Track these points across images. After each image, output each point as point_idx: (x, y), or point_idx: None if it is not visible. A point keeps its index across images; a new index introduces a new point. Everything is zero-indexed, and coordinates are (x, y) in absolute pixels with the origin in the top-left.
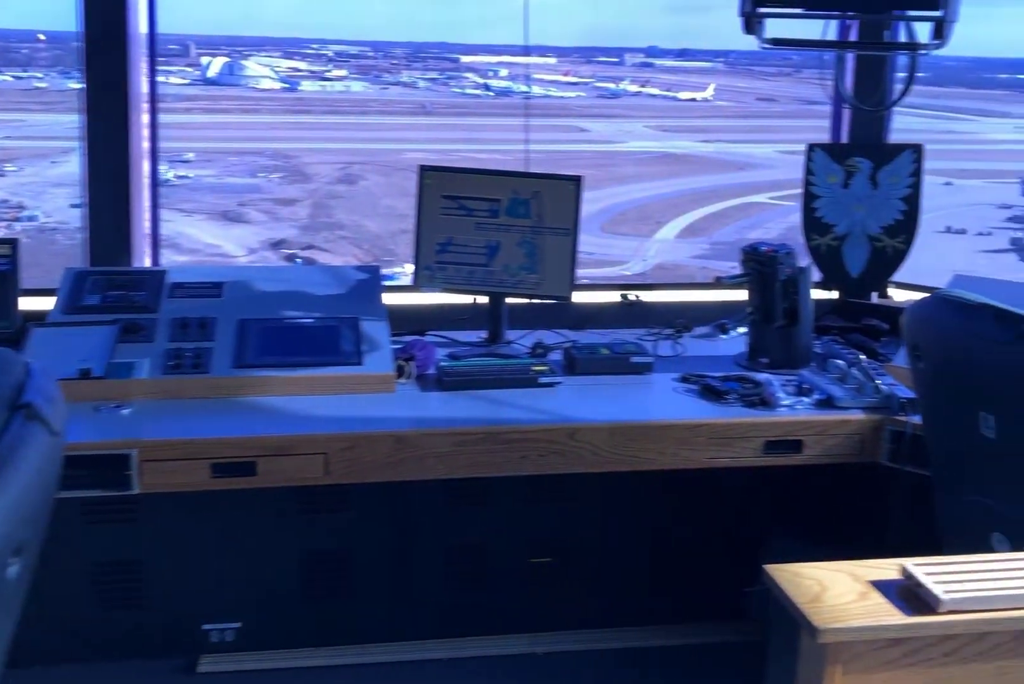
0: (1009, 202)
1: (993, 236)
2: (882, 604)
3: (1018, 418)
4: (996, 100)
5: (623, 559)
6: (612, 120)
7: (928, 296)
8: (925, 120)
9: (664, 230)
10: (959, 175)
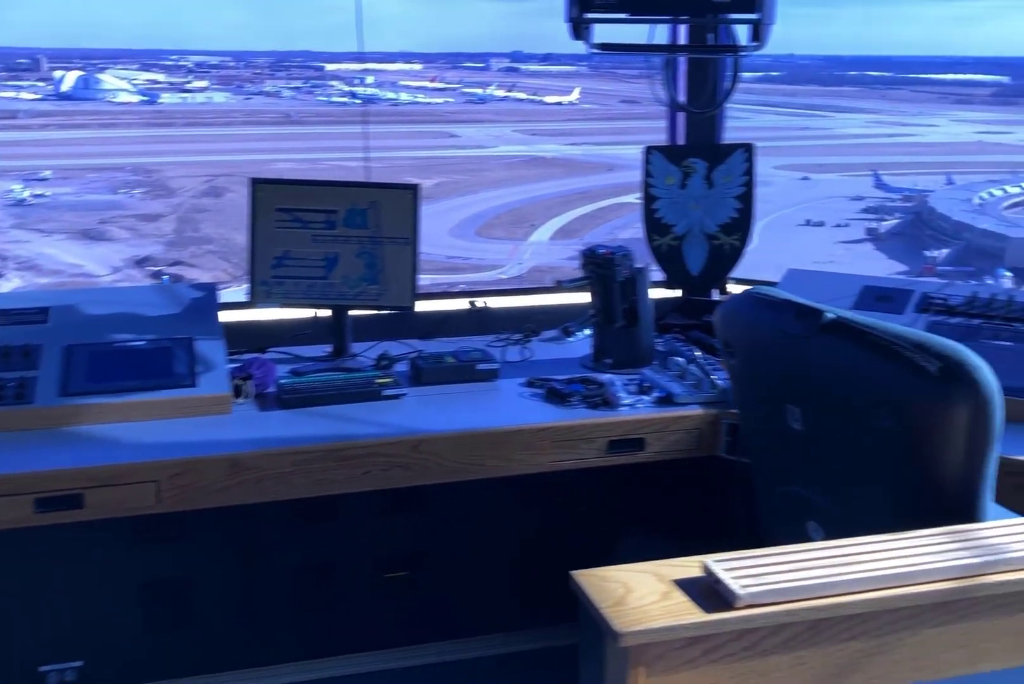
0: (863, 194)
1: (850, 227)
2: (683, 603)
3: (821, 410)
4: (847, 96)
5: (479, 568)
6: (481, 125)
7: (737, 294)
8: (783, 117)
9: (538, 233)
10: (816, 170)
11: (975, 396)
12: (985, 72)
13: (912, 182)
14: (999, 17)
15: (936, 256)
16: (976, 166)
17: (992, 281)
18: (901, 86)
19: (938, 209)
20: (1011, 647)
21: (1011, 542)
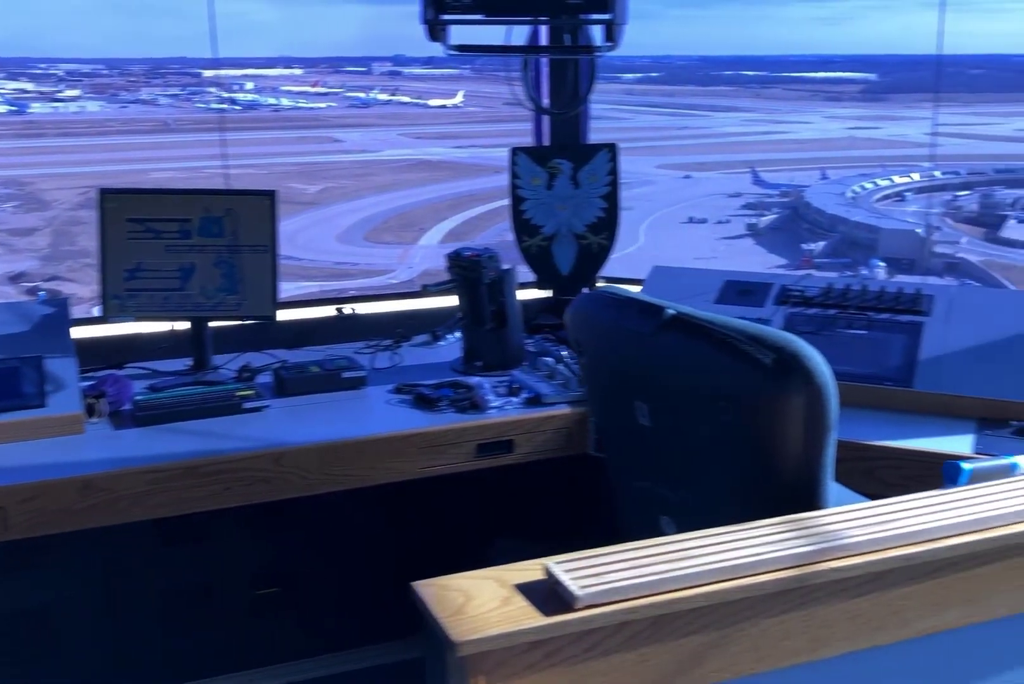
0: (742, 190)
1: (731, 223)
2: (523, 607)
3: (667, 406)
4: (724, 96)
5: (354, 580)
6: (366, 129)
7: (584, 293)
8: (663, 117)
9: (427, 236)
10: (697, 168)
11: (809, 385)
12: (853, 70)
13: (788, 178)
14: (863, 17)
15: (813, 249)
16: (848, 161)
17: (867, 271)
18: (774, 85)
19: (814, 203)
20: (850, 632)
21: (847, 528)
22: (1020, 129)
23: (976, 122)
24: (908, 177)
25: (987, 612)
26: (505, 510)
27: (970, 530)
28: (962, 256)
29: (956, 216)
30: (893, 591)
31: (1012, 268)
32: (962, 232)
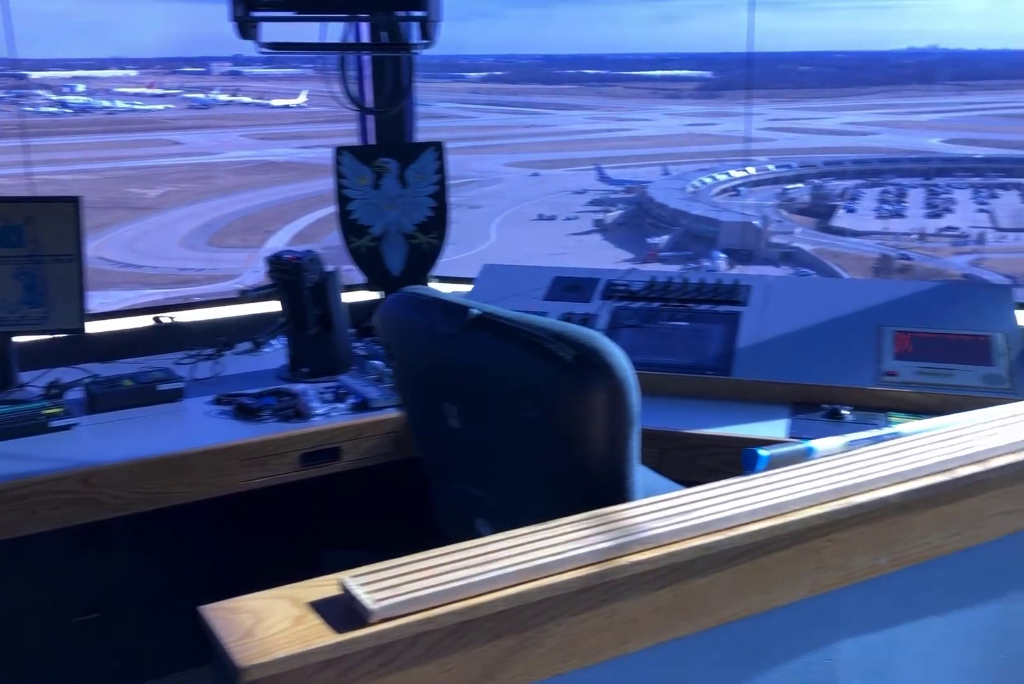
0: (588, 187)
1: (579, 219)
2: (316, 626)
3: (476, 407)
4: (567, 94)
5: (174, 603)
6: (207, 131)
7: (393, 295)
8: (509, 116)
9: (274, 239)
10: (545, 166)
11: (610, 380)
12: (689, 68)
13: (632, 174)
14: (697, 15)
15: (658, 242)
16: (688, 156)
17: (709, 262)
18: (616, 83)
19: (657, 198)
20: (655, 624)
21: (647, 521)
22: (846, 123)
23: (806, 117)
24: (744, 171)
25: (786, 595)
26: (335, 519)
27: (767, 516)
28: (797, 245)
29: (790, 207)
30: (695, 581)
31: (842, 255)
32: (796, 223)
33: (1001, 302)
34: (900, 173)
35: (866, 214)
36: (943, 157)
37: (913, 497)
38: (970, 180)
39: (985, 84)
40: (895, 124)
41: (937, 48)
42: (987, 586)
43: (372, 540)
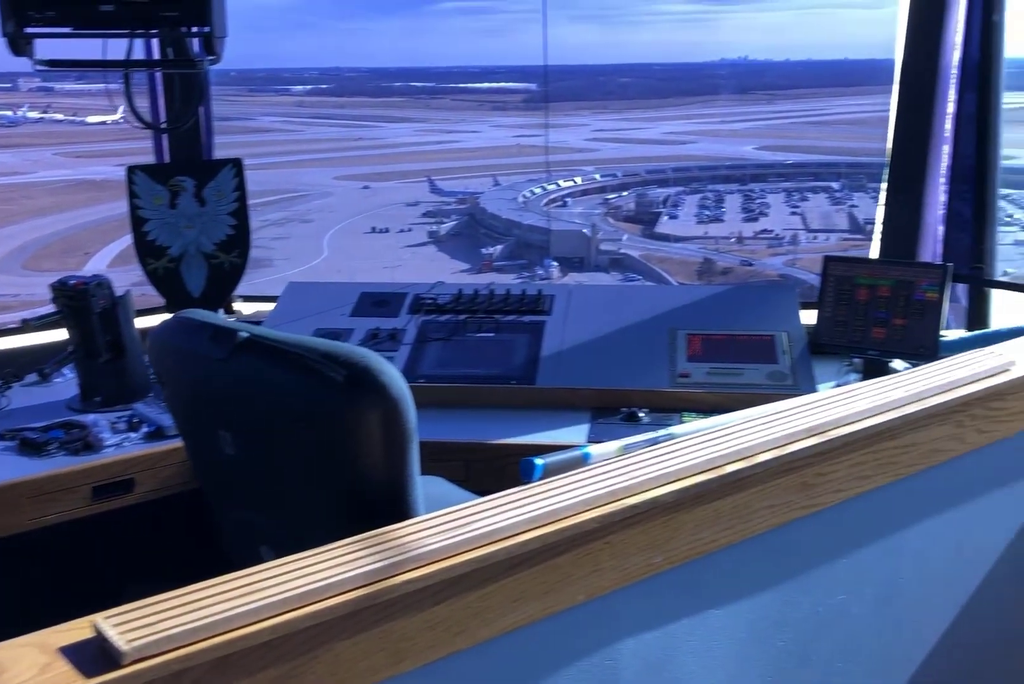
0: (420, 199)
1: (413, 231)
2: (65, 672)
3: (250, 432)
4: (396, 107)
5: None
6: (16, 150)
7: (165, 320)
8: (336, 129)
9: (94, 261)
10: (376, 178)
11: (383, 399)
12: (514, 80)
13: (464, 185)
14: (520, 29)
15: (492, 252)
16: (517, 167)
17: (542, 270)
18: (443, 95)
19: (489, 209)
20: (432, 640)
21: (421, 538)
22: (666, 132)
23: (628, 127)
24: (572, 181)
25: (566, 600)
26: (134, 553)
27: (543, 523)
28: (625, 252)
29: (616, 215)
30: (471, 594)
31: (668, 260)
32: (623, 230)
33: (785, 302)
34: (718, 180)
35: (688, 220)
36: (757, 164)
37: (683, 495)
38: (782, 185)
39: (793, 93)
40: (711, 133)
41: (747, 59)
42: (760, 577)
43: (175, 571)
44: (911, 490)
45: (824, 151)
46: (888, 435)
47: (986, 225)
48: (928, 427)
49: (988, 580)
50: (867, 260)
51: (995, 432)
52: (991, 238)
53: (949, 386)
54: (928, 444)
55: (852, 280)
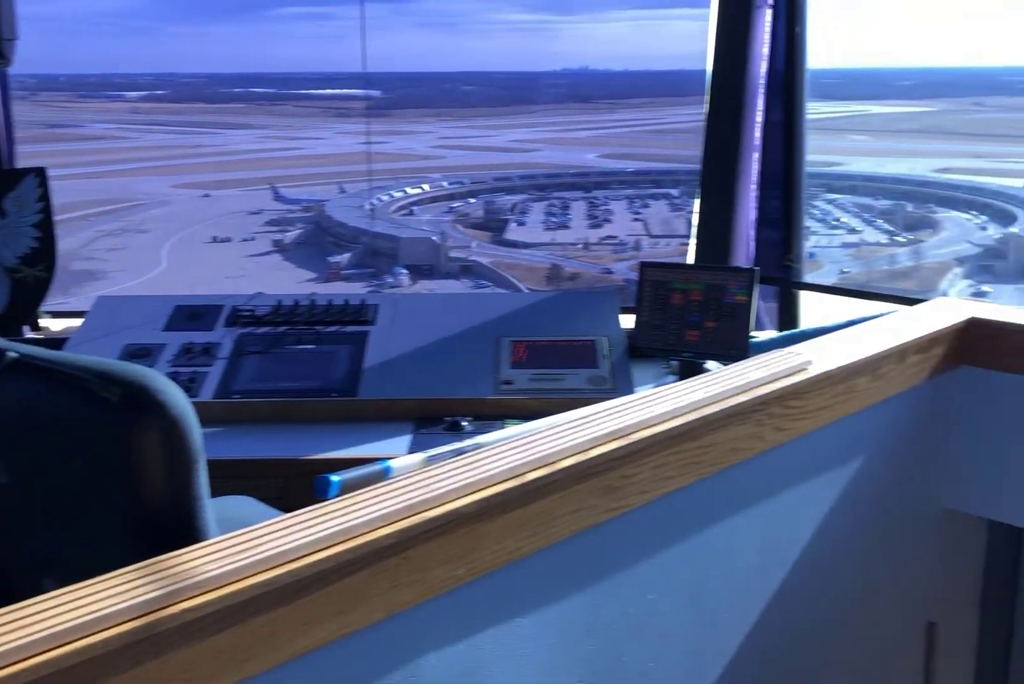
0: (264, 207)
1: (256, 240)
2: None
3: (25, 459)
4: (236, 113)
5: None
6: None
7: None
8: (173, 136)
9: None
10: (216, 186)
11: (163, 419)
12: (358, 86)
13: (309, 193)
14: (360, 36)
15: (340, 261)
16: (364, 174)
17: (392, 278)
18: (285, 102)
19: (335, 217)
20: (215, 669)
21: (205, 563)
22: (512, 140)
23: (474, 135)
24: (420, 188)
25: (362, 619)
26: None
27: (334, 542)
28: (475, 259)
29: (465, 222)
30: (258, 619)
31: (517, 266)
32: (472, 237)
33: (606, 308)
34: (563, 187)
35: (535, 227)
36: (600, 171)
37: (485, 505)
38: (625, 192)
39: (634, 102)
40: (556, 141)
41: (588, 68)
42: (568, 582)
43: None
44: (714, 489)
45: (663, 159)
46: (689, 436)
47: (794, 229)
48: (728, 427)
49: (793, 572)
50: (681, 265)
51: (793, 430)
52: (798, 241)
53: (748, 386)
54: (728, 443)
55: (667, 285)
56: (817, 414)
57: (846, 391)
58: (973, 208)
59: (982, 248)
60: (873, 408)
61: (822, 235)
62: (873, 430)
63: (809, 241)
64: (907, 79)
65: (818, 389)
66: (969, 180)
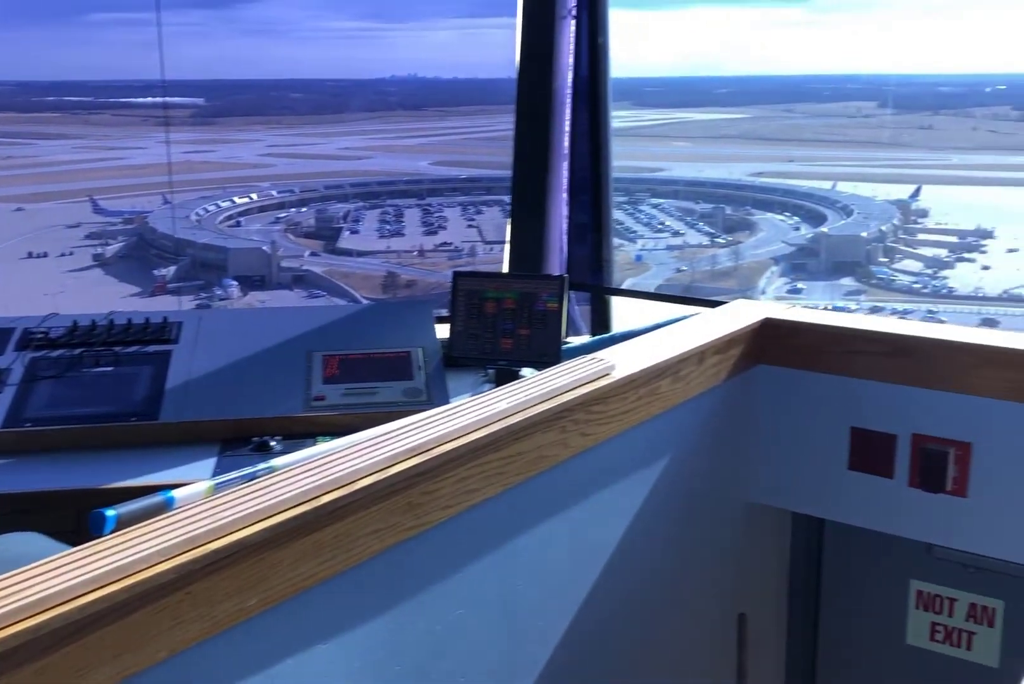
0: (83, 220)
1: (75, 255)
2: None
3: None
4: (49, 123)
5: None
6: None
7: None
8: None
9: None
10: (31, 199)
11: None
12: (181, 95)
13: (131, 204)
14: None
15: (166, 274)
16: (189, 184)
17: (221, 291)
18: (103, 110)
19: (160, 229)
20: None
21: None
22: (342, 148)
23: (303, 142)
24: (248, 197)
25: (145, 660)
26: None
27: (109, 581)
28: (307, 268)
29: (297, 231)
30: (27, 667)
31: (352, 275)
32: (304, 246)
33: (421, 319)
34: (396, 195)
35: (369, 234)
36: (433, 178)
37: (277, 532)
38: (458, 199)
39: (464, 110)
40: (387, 149)
41: (417, 76)
42: (370, 604)
43: None
44: (521, 498)
45: (494, 166)
46: (493, 447)
47: (604, 235)
48: (533, 435)
49: (605, 574)
50: (494, 274)
51: (598, 434)
52: (608, 247)
53: (552, 394)
54: (534, 452)
55: (481, 294)
56: (621, 418)
57: (649, 394)
58: (787, 210)
59: (796, 247)
60: (676, 409)
61: (648, 238)
62: (677, 431)
63: (636, 245)
64: (724, 87)
65: (621, 393)
66: (782, 183)
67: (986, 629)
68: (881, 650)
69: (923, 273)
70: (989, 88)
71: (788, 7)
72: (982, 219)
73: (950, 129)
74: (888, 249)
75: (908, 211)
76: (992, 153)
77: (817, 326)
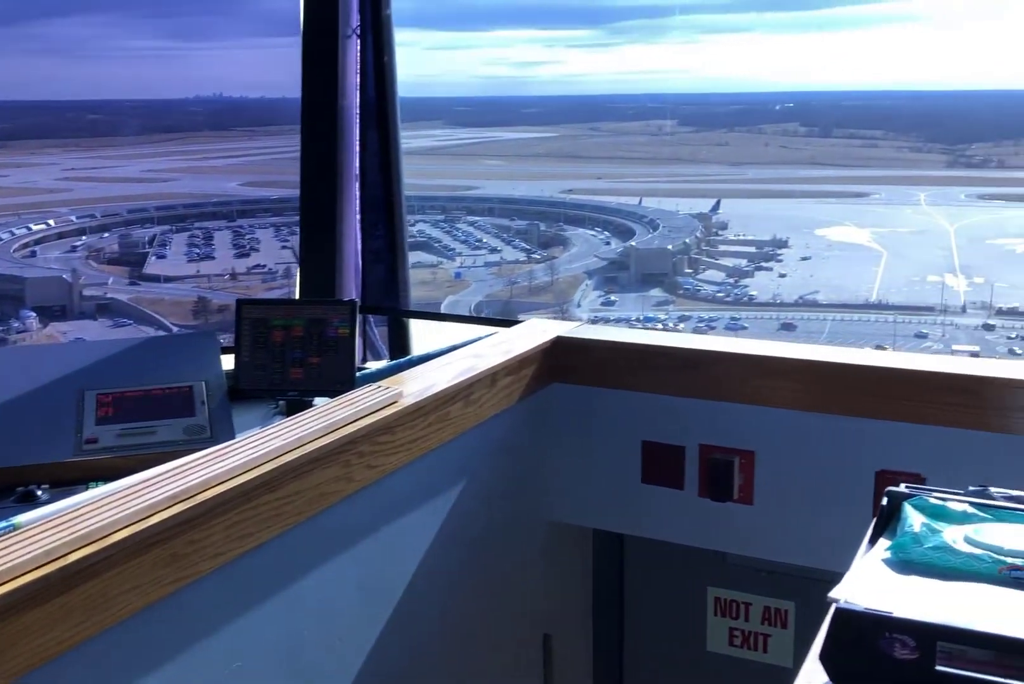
0: None
1: None
2: None
3: None
4: None
5: None
6: None
7: None
8: None
9: None
10: None
11: None
12: None
13: None
14: None
15: None
16: None
17: (18, 323)
18: None
19: None
20: None
21: None
22: (145, 170)
23: (103, 165)
24: (45, 224)
25: None
26: None
27: None
28: (112, 296)
29: (99, 258)
30: None
31: (160, 302)
32: (108, 273)
33: (205, 351)
34: (204, 217)
35: (178, 259)
36: (243, 199)
37: (14, 598)
38: (271, 220)
39: (273, 129)
40: (193, 170)
41: (223, 96)
42: (131, 666)
43: None
44: (301, 539)
45: None
46: (267, 488)
47: (398, 256)
48: (312, 472)
49: (399, 610)
50: (281, 301)
51: (386, 465)
52: (404, 268)
53: (333, 426)
54: (314, 489)
55: (268, 322)
56: (410, 446)
57: (439, 420)
58: (597, 225)
59: (607, 261)
60: (468, 433)
61: (467, 256)
62: (471, 455)
63: (455, 262)
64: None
65: (409, 421)
66: (592, 199)
67: (780, 630)
68: (684, 660)
69: (725, 282)
70: (778, 106)
71: (582, 29)
72: (777, 229)
73: (744, 145)
74: (692, 260)
75: (709, 224)
76: (784, 167)
77: (607, 343)
